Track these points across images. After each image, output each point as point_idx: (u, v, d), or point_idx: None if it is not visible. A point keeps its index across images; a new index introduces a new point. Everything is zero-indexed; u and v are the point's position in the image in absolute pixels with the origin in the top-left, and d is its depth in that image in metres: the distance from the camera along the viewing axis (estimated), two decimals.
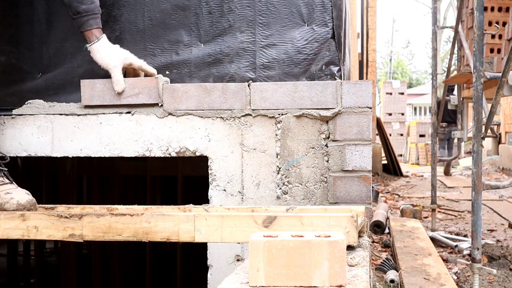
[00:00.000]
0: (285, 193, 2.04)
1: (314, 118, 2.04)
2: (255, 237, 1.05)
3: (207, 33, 2.21)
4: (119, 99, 2.11)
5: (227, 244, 2.02)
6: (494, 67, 3.69)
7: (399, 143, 16.77)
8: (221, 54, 2.18)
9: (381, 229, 4.40)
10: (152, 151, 2.11)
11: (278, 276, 1.03)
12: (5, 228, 1.61)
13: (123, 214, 1.57)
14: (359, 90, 2.02)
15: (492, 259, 3.47)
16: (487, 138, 3.21)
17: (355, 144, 2.01)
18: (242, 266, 1.25)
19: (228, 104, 2.08)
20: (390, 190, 7.97)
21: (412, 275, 2.77)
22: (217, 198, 2.07)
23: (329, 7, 2.16)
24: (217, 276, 2.05)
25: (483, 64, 2.44)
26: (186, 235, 1.51)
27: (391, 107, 17.05)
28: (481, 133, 2.47)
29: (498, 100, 2.42)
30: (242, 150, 2.07)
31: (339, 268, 1.03)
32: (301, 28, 2.17)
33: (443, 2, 4.78)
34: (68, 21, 2.13)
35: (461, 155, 14.05)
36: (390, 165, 10.69)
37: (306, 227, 1.42)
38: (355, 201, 2.01)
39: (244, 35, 2.16)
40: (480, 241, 2.43)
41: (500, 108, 10.97)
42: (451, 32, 4.29)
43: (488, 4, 4.07)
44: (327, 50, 2.16)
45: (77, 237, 1.58)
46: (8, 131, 2.20)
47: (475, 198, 2.42)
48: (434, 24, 4.44)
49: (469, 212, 5.53)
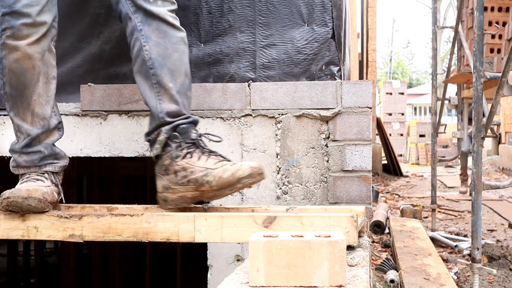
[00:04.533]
0: (285, 193, 2.04)
1: (314, 118, 2.04)
2: (255, 237, 1.05)
3: (207, 33, 2.21)
4: (118, 106, 2.11)
5: (227, 244, 2.02)
6: (494, 67, 3.69)
7: (399, 143, 16.77)
8: (221, 54, 2.18)
9: (381, 229, 4.40)
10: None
11: (278, 276, 1.03)
12: (5, 228, 1.61)
13: (123, 215, 1.57)
14: (359, 90, 2.02)
15: (492, 259, 3.47)
16: (487, 138, 3.22)
17: (355, 144, 2.01)
18: (242, 266, 1.25)
19: (228, 104, 2.08)
20: (390, 190, 7.98)
21: (412, 275, 2.77)
22: None
23: (329, 7, 2.16)
24: (217, 276, 2.05)
25: (483, 64, 2.44)
26: (186, 235, 1.51)
27: (391, 107, 17.05)
28: (481, 133, 2.47)
29: (498, 100, 2.42)
30: (242, 150, 2.07)
31: (339, 268, 1.03)
32: (301, 28, 2.17)
33: (443, 2, 4.78)
34: (69, 22, 2.14)
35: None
36: (390, 165, 10.69)
37: (306, 227, 1.42)
38: (355, 201, 2.01)
39: (244, 35, 2.16)
40: (480, 241, 2.43)
41: (500, 108, 10.97)
42: (451, 32, 4.29)
43: (488, 4, 4.07)
44: (327, 50, 2.16)
45: (77, 238, 1.58)
46: (8, 131, 2.19)
47: (475, 198, 2.42)
48: (434, 24, 4.44)
49: (469, 212, 5.53)
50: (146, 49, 1.68)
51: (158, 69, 1.68)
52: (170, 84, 1.69)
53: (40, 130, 1.72)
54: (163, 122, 1.69)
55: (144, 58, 1.69)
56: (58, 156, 1.78)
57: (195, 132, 1.69)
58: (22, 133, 1.72)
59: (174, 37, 1.71)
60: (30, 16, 1.60)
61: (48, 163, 1.75)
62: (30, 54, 1.62)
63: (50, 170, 1.74)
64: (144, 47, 1.68)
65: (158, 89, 1.69)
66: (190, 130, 1.68)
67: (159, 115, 1.69)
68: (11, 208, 1.57)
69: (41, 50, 1.64)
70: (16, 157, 1.74)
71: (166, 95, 1.69)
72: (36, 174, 1.72)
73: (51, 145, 1.76)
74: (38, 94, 1.69)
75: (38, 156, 1.73)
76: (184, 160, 1.64)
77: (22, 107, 1.70)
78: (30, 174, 1.72)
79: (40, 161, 1.73)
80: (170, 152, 1.67)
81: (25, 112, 1.70)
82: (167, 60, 1.69)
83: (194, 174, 1.62)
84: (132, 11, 1.70)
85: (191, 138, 1.67)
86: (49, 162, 1.75)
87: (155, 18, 1.69)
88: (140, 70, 1.71)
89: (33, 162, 1.73)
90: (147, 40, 1.68)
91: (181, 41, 1.73)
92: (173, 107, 1.69)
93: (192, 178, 1.62)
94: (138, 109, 2.11)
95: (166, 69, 1.69)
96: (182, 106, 1.70)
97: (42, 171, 1.73)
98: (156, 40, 1.68)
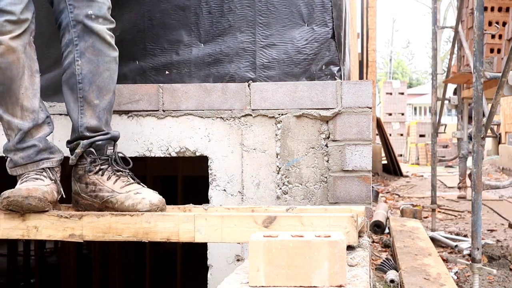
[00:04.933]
0: (285, 193, 2.04)
1: (314, 118, 2.04)
2: (255, 237, 1.05)
3: (207, 33, 2.21)
4: (118, 106, 2.11)
5: (227, 244, 2.02)
6: (494, 67, 3.69)
7: (399, 143, 16.76)
8: (221, 54, 2.18)
9: (381, 229, 4.40)
10: (152, 151, 2.11)
11: (278, 276, 1.03)
12: (5, 228, 1.61)
13: (123, 214, 1.57)
14: (359, 90, 2.02)
15: (492, 259, 3.46)
16: (487, 138, 3.21)
17: (355, 144, 2.01)
18: (242, 266, 1.25)
19: (228, 104, 2.08)
20: (390, 190, 7.97)
21: (412, 275, 2.77)
22: (217, 198, 2.07)
23: (329, 7, 2.16)
24: (217, 276, 2.05)
25: (483, 64, 2.44)
26: (186, 235, 1.51)
27: (391, 107, 17.04)
28: (481, 133, 2.47)
29: (498, 100, 2.42)
30: (242, 150, 2.07)
31: (339, 268, 1.03)
32: (301, 28, 2.17)
33: (443, 2, 4.78)
34: None
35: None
36: (390, 165, 10.69)
37: (306, 227, 1.42)
38: (355, 201, 2.01)
39: (244, 35, 2.16)
40: (480, 241, 2.43)
41: (500, 108, 10.97)
42: (451, 32, 4.29)
43: (488, 4, 4.07)
44: (327, 50, 2.16)
45: (77, 237, 1.58)
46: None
47: (475, 198, 2.42)
48: (434, 24, 4.44)
49: (469, 212, 5.53)
50: (78, 64, 1.76)
51: (86, 85, 1.76)
52: (96, 101, 1.77)
53: (31, 123, 1.75)
54: (82, 136, 1.78)
55: (74, 72, 1.76)
56: (53, 150, 1.80)
57: (111, 149, 1.78)
58: (13, 129, 1.74)
59: (108, 56, 1.79)
60: (14, 14, 1.65)
61: (45, 159, 1.76)
62: (13, 47, 1.66)
63: (47, 166, 1.76)
64: (77, 61, 1.76)
65: (82, 104, 1.77)
66: (106, 146, 1.77)
67: (79, 129, 1.78)
68: (11, 208, 1.58)
69: (23, 43, 1.69)
70: (12, 156, 1.75)
71: (89, 110, 1.77)
72: (35, 173, 1.73)
73: (44, 138, 1.79)
74: (25, 87, 1.72)
75: (34, 150, 1.75)
76: (96, 176, 1.75)
77: (11, 102, 1.72)
78: (28, 174, 1.73)
79: (36, 155, 1.75)
80: (84, 165, 1.77)
81: (14, 107, 1.73)
82: (97, 77, 1.77)
83: (101, 192, 1.73)
84: (72, 24, 1.76)
85: (106, 155, 1.77)
86: (45, 157, 1.76)
87: (92, 34, 1.75)
88: (68, 82, 1.79)
89: (30, 157, 1.74)
90: (80, 56, 1.76)
91: (113, 61, 1.81)
92: (93, 122, 1.77)
93: (100, 195, 1.74)
94: (138, 109, 2.11)
95: (94, 86, 1.77)
96: (104, 122, 1.80)
97: (40, 168, 1.75)
98: (89, 57, 1.76)
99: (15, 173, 1.76)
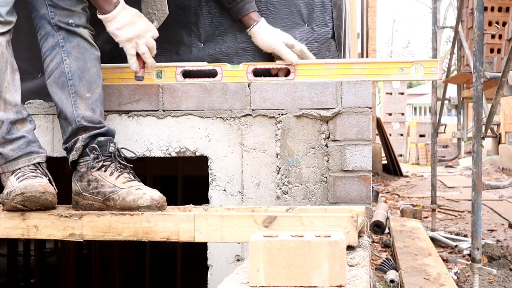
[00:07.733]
0: (285, 193, 2.04)
1: (314, 118, 2.04)
2: (255, 237, 1.05)
3: (207, 33, 2.20)
4: (118, 106, 2.11)
5: (227, 244, 2.02)
6: (494, 67, 3.69)
7: (399, 143, 16.75)
8: (221, 54, 2.18)
9: (381, 229, 4.40)
10: (152, 151, 2.11)
11: (278, 276, 1.03)
12: (5, 227, 1.61)
13: (123, 214, 1.57)
14: (359, 90, 2.02)
15: (492, 259, 3.46)
16: (487, 138, 3.21)
17: (355, 144, 2.02)
18: (242, 266, 1.25)
19: (228, 104, 2.08)
20: (390, 190, 7.97)
21: (412, 275, 2.77)
22: (217, 198, 2.07)
23: (329, 7, 2.16)
24: (217, 276, 2.05)
25: (483, 64, 2.44)
26: (186, 235, 1.51)
27: (391, 107, 17.04)
28: (481, 133, 2.47)
29: (498, 100, 2.42)
30: (242, 150, 2.07)
31: (339, 268, 1.03)
32: (301, 28, 2.17)
33: (443, 2, 4.77)
34: None
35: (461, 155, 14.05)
36: (390, 165, 10.69)
37: (306, 227, 1.42)
38: (355, 201, 2.01)
39: (244, 35, 2.16)
40: (480, 241, 2.43)
41: (500, 108, 10.97)
42: (451, 32, 4.28)
43: (488, 4, 4.07)
44: (327, 50, 2.16)
45: (77, 237, 1.58)
46: None
47: (475, 198, 2.42)
48: (434, 24, 4.44)
49: (469, 212, 5.53)
50: (67, 62, 1.84)
51: (76, 80, 1.84)
52: (87, 94, 1.85)
53: (15, 116, 1.76)
54: (80, 126, 1.81)
55: (64, 70, 1.84)
56: (40, 145, 1.82)
57: (113, 146, 1.81)
58: None
59: (93, 54, 1.89)
60: (1, 15, 1.70)
61: (35, 152, 1.77)
62: None
63: (38, 162, 1.77)
64: (65, 61, 1.84)
65: (75, 98, 1.83)
66: (108, 143, 1.80)
67: (76, 119, 1.82)
68: (27, 203, 1.60)
69: (6, 40, 1.74)
70: (2, 149, 1.74)
71: (82, 103, 1.83)
72: (30, 170, 1.73)
73: (31, 131, 1.80)
74: (8, 81, 1.75)
75: (24, 141, 1.76)
76: (98, 172, 1.77)
77: None
78: (24, 171, 1.72)
79: (27, 146, 1.75)
80: (87, 162, 1.79)
81: None
82: (86, 73, 1.85)
83: (103, 188, 1.74)
84: (56, 29, 1.85)
85: (109, 152, 1.79)
86: (35, 149, 1.77)
87: (76, 35, 1.86)
88: (57, 81, 1.85)
89: (21, 148, 1.74)
90: (68, 55, 1.84)
91: (97, 59, 1.91)
92: (88, 113, 1.84)
93: (102, 191, 1.74)
94: (138, 109, 2.11)
95: (84, 81, 1.85)
96: (99, 113, 1.86)
97: (32, 164, 1.74)
98: (76, 56, 1.85)
99: (6, 169, 1.74)
